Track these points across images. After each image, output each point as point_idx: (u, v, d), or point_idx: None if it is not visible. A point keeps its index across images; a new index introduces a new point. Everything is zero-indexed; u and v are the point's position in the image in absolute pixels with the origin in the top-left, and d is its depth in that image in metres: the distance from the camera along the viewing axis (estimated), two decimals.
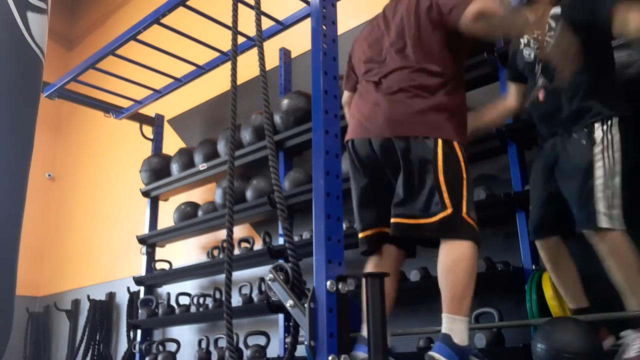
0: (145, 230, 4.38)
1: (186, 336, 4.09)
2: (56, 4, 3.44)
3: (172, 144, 4.65)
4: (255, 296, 3.43)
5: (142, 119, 4.71)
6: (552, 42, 1.93)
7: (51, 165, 6.70)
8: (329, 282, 1.54)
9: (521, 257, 2.39)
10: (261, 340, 3.26)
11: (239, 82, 2.00)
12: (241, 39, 3.33)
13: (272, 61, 3.74)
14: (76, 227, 6.05)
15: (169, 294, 4.00)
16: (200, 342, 3.60)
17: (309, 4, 3.01)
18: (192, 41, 3.61)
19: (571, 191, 1.90)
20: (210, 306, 3.65)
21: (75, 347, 5.07)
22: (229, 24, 2.04)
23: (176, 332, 4.22)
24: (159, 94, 4.25)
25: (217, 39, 3.61)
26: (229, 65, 2.14)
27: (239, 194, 3.57)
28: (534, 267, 2.33)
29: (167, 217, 4.32)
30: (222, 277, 2.14)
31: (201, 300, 3.78)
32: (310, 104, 3.00)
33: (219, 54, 3.78)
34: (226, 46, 3.48)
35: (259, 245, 3.64)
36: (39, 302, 6.10)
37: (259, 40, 1.93)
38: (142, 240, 4.32)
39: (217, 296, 3.65)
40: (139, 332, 4.16)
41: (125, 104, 4.50)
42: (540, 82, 2.07)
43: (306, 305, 1.54)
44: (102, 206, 5.71)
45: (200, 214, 3.99)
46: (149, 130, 4.77)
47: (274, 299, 1.84)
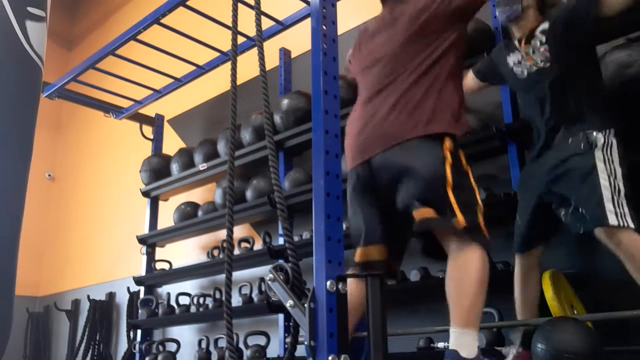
0: (145, 230, 4.39)
1: (186, 336, 4.09)
2: (56, 4, 3.44)
3: (172, 144, 4.65)
4: (255, 296, 3.43)
5: (142, 119, 4.71)
6: None
7: (51, 165, 6.70)
8: (329, 282, 1.54)
9: None
10: (261, 340, 3.26)
11: (239, 82, 2.00)
12: (241, 39, 3.33)
13: (272, 61, 3.74)
14: (76, 227, 6.04)
15: (169, 294, 4.00)
16: (200, 342, 3.60)
17: (309, 4, 3.01)
18: (192, 41, 3.61)
19: (577, 194, 1.89)
20: (210, 306, 3.65)
21: (75, 347, 5.07)
22: (229, 24, 2.04)
23: (176, 332, 4.22)
24: (159, 94, 4.25)
25: (217, 39, 3.61)
26: (229, 65, 2.13)
27: (239, 194, 3.57)
28: None
29: (167, 217, 4.32)
30: (222, 277, 2.13)
31: (201, 300, 3.78)
32: (310, 104, 3.00)
33: (219, 54, 3.78)
34: (226, 46, 3.48)
35: (259, 245, 3.64)
36: (39, 302, 6.09)
37: (259, 40, 1.92)
38: (142, 240, 4.32)
39: (217, 296, 3.65)
40: (139, 332, 4.16)
41: (125, 104, 4.50)
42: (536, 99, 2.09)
43: (306, 305, 1.54)
44: (102, 206, 5.71)
45: (200, 214, 3.99)
46: (149, 130, 4.77)
47: (274, 299, 1.84)
